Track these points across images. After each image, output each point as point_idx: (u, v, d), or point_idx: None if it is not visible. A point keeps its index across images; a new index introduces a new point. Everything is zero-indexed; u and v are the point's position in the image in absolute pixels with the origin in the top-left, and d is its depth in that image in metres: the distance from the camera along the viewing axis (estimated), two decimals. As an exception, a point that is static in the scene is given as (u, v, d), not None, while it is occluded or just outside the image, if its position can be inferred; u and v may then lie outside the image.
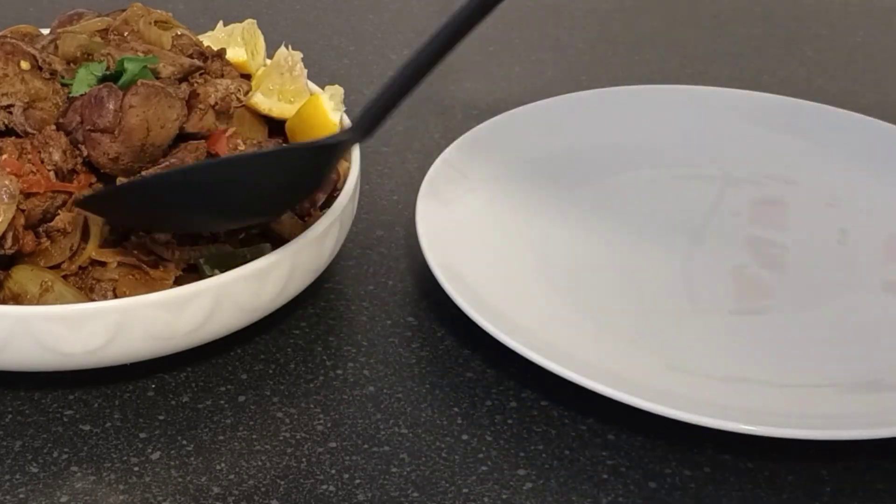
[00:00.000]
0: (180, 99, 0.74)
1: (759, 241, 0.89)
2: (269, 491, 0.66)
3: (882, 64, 1.27)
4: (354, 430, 0.71)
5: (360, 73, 1.19)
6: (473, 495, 0.67)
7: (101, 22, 0.80)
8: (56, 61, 0.75)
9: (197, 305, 0.68)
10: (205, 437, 0.70)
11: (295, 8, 1.35)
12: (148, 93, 0.72)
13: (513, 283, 0.82)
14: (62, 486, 0.66)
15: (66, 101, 0.73)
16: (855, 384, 0.74)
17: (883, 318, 0.81)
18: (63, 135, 0.72)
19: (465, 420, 0.72)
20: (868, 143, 1.00)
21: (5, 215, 0.67)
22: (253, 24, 0.89)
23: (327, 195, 0.79)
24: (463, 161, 0.93)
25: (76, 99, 0.73)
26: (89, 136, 0.71)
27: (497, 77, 1.20)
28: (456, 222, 0.86)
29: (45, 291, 0.69)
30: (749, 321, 0.81)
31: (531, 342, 0.73)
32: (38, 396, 0.73)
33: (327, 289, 0.84)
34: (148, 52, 0.77)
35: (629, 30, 1.34)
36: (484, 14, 0.68)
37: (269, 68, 0.86)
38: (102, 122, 0.71)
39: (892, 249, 0.89)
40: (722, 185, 0.92)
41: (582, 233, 0.89)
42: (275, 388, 0.74)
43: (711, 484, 0.68)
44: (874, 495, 0.68)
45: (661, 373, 0.74)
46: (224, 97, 0.78)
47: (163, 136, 0.73)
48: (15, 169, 0.69)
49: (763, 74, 1.23)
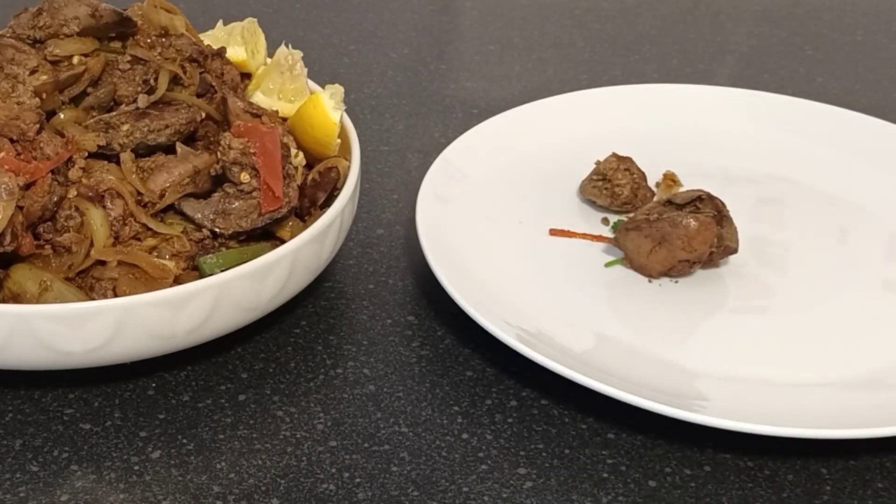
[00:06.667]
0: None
1: (759, 241, 0.89)
2: (269, 490, 0.66)
3: (882, 64, 1.27)
4: (355, 429, 0.71)
5: (360, 72, 1.19)
6: (474, 494, 0.67)
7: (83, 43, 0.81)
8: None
9: (197, 304, 0.68)
10: (205, 435, 0.70)
11: (295, 7, 1.36)
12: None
13: (513, 282, 0.82)
14: (62, 484, 0.66)
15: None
16: (855, 383, 0.74)
17: (883, 317, 0.81)
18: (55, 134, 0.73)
19: (466, 419, 0.72)
20: (868, 142, 1.00)
21: (4, 212, 0.67)
22: (253, 23, 0.89)
23: (327, 194, 0.79)
24: (463, 160, 0.93)
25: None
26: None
27: (497, 77, 1.20)
28: (456, 221, 0.86)
29: (45, 290, 0.69)
30: (749, 320, 0.81)
31: (531, 341, 0.73)
32: (38, 395, 0.73)
33: (327, 287, 0.84)
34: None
35: (629, 29, 1.34)
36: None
37: (270, 67, 0.86)
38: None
39: (892, 249, 0.89)
40: (722, 184, 0.92)
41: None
42: (275, 387, 0.74)
43: (711, 483, 0.68)
44: (874, 494, 0.68)
45: (660, 372, 0.74)
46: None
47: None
48: (13, 167, 0.69)
49: (763, 74, 1.23)
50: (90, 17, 0.78)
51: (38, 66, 0.76)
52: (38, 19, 0.78)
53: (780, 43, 1.32)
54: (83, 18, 0.78)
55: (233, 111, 0.78)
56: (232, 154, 0.73)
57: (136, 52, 0.79)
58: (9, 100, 0.74)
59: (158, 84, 0.78)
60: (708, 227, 0.82)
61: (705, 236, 0.82)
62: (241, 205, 0.74)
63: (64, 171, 0.73)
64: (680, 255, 0.82)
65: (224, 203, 0.74)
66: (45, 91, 0.75)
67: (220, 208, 0.74)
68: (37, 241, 0.72)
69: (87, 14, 0.78)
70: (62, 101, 0.77)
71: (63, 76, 0.76)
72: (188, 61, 0.81)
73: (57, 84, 0.76)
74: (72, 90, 0.77)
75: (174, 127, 0.76)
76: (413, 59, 1.23)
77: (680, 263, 0.82)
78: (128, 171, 0.74)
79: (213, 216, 0.74)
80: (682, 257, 0.82)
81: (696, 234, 0.81)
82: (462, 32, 1.32)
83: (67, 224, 0.72)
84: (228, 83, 0.83)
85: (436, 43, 1.29)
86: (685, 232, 0.81)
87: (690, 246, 0.81)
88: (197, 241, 0.74)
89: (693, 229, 0.81)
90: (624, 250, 0.84)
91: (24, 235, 0.70)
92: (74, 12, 0.78)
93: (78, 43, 0.78)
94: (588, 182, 0.92)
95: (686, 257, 0.82)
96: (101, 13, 0.78)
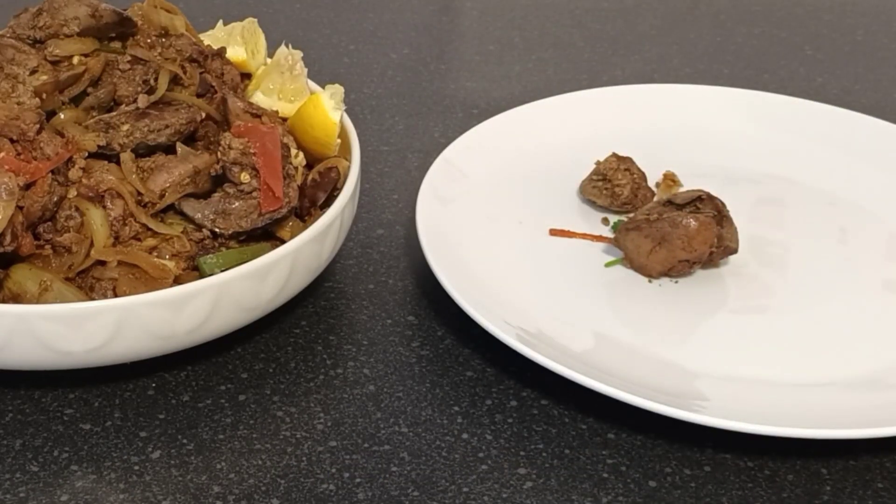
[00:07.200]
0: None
1: (759, 241, 0.89)
2: (269, 490, 0.66)
3: (882, 64, 1.27)
4: (355, 429, 0.71)
5: (360, 72, 1.19)
6: (474, 494, 0.67)
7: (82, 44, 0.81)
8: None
9: (197, 304, 0.68)
10: (205, 435, 0.70)
11: (295, 7, 1.36)
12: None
13: (513, 282, 0.82)
14: (62, 484, 0.66)
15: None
16: (855, 383, 0.74)
17: (883, 317, 0.81)
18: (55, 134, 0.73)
19: (466, 419, 0.72)
20: (868, 142, 1.00)
21: (4, 212, 0.67)
22: (253, 23, 0.89)
23: (327, 194, 0.79)
24: (463, 160, 0.93)
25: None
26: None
27: (497, 77, 1.20)
28: (456, 221, 0.86)
29: (45, 290, 0.69)
30: (749, 320, 0.81)
31: (531, 341, 0.73)
32: (38, 395, 0.73)
33: (328, 287, 0.84)
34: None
35: (629, 29, 1.34)
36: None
37: (270, 67, 0.86)
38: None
39: (892, 249, 0.89)
40: (722, 184, 0.92)
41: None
42: (275, 387, 0.74)
43: (712, 483, 0.68)
44: (874, 494, 0.68)
45: (661, 372, 0.74)
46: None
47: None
48: (13, 167, 0.69)
49: (763, 74, 1.23)
50: (90, 17, 0.78)
51: (38, 67, 0.76)
52: (38, 19, 0.78)
53: (780, 43, 1.32)
54: (83, 18, 0.78)
55: (233, 111, 0.78)
56: (232, 154, 0.73)
57: (136, 52, 0.79)
58: (9, 100, 0.74)
59: (158, 84, 0.78)
60: (708, 227, 0.82)
61: (705, 236, 0.82)
62: (241, 205, 0.74)
63: (64, 171, 0.73)
64: (680, 255, 0.82)
65: (224, 203, 0.74)
66: (45, 91, 0.75)
67: (220, 208, 0.74)
68: (37, 241, 0.72)
69: (87, 14, 0.78)
70: (62, 101, 0.77)
71: (63, 76, 0.77)
72: (188, 61, 0.81)
73: (57, 84, 0.76)
74: (72, 90, 0.77)
75: (174, 127, 0.76)
76: (413, 59, 1.23)
77: (680, 263, 0.82)
78: (128, 171, 0.74)
79: (213, 216, 0.74)
80: (682, 257, 0.82)
81: (696, 234, 0.81)
82: (462, 32, 1.32)
83: (67, 224, 0.72)
84: (228, 83, 0.83)
85: (436, 43, 1.29)
86: (685, 232, 0.81)
87: (690, 246, 0.81)
88: (197, 241, 0.74)
89: (693, 229, 0.81)
90: (624, 250, 0.84)
91: (24, 235, 0.70)
92: (74, 12, 0.78)
93: (78, 43, 0.78)
94: (588, 182, 0.92)
95: (686, 257, 0.82)
96: (101, 13, 0.78)
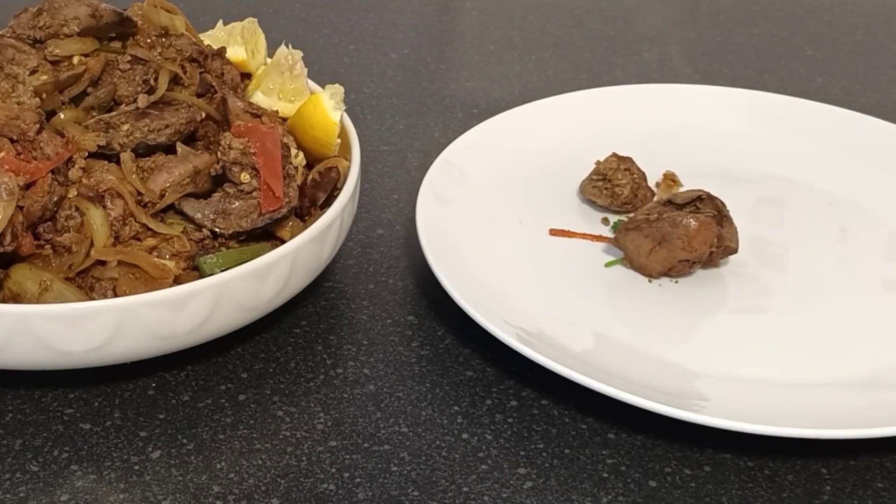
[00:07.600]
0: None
1: (759, 241, 0.89)
2: (269, 490, 0.66)
3: (882, 64, 1.27)
4: (355, 429, 0.71)
5: (360, 72, 1.19)
6: (474, 494, 0.67)
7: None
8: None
9: (197, 304, 0.68)
10: (205, 435, 0.70)
11: (295, 7, 1.36)
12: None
13: (513, 282, 0.82)
14: (62, 484, 0.66)
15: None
16: (855, 383, 0.74)
17: (883, 317, 0.81)
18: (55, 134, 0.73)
19: (466, 419, 0.72)
20: (868, 142, 1.00)
21: (4, 212, 0.67)
22: (253, 23, 0.89)
23: (327, 194, 0.79)
24: (463, 160, 0.93)
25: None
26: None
27: (497, 77, 1.20)
28: (456, 221, 0.86)
29: (45, 290, 0.69)
30: (749, 320, 0.81)
31: (531, 341, 0.73)
32: (38, 395, 0.73)
33: (328, 287, 0.84)
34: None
35: (629, 29, 1.34)
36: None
37: (270, 67, 0.86)
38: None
39: (892, 249, 0.89)
40: (722, 184, 0.92)
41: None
42: (275, 387, 0.74)
43: (712, 482, 0.68)
44: (874, 494, 0.68)
45: (661, 372, 0.74)
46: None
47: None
48: (13, 167, 0.69)
49: (763, 74, 1.23)
50: (90, 17, 0.78)
51: (38, 66, 0.76)
52: (38, 19, 0.78)
53: (780, 43, 1.32)
54: (83, 18, 0.78)
55: (233, 111, 0.78)
56: (232, 154, 0.73)
57: (136, 52, 0.79)
58: (9, 100, 0.74)
59: (158, 84, 0.78)
60: (708, 227, 0.82)
61: (705, 236, 0.82)
62: (242, 205, 0.74)
63: (64, 171, 0.73)
64: (680, 255, 0.82)
65: (224, 203, 0.74)
66: (45, 91, 0.75)
67: (221, 208, 0.74)
68: (37, 241, 0.72)
69: (87, 14, 0.78)
70: (62, 101, 0.77)
71: (63, 76, 0.77)
72: (188, 61, 0.81)
73: (57, 84, 0.76)
74: (72, 90, 0.77)
75: (174, 127, 0.76)
76: (413, 59, 1.23)
77: (680, 263, 0.82)
78: (128, 171, 0.74)
79: (213, 216, 0.74)
80: (682, 257, 0.82)
81: (696, 234, 0.81)
82: (462, 32, 1.32)
83: (67, 224, 0.72)
84: (228, 83, 0.83)
85: (436, 43, 1.29)
86: (685, 232, 0.81)
87: (690, 246, 0.81)
88: (197, 241, 0.74)
89: (693, 229, 0.81)
90: (624, 250, 0.84)
91: (24, 235, 0.70)
92: (74, 12, 0.78)
93: (78, 43, 0.78)
94: (588, 182, 0.92)
95: (686, 257, 0.82)
96: (101, 13, 0.78)
